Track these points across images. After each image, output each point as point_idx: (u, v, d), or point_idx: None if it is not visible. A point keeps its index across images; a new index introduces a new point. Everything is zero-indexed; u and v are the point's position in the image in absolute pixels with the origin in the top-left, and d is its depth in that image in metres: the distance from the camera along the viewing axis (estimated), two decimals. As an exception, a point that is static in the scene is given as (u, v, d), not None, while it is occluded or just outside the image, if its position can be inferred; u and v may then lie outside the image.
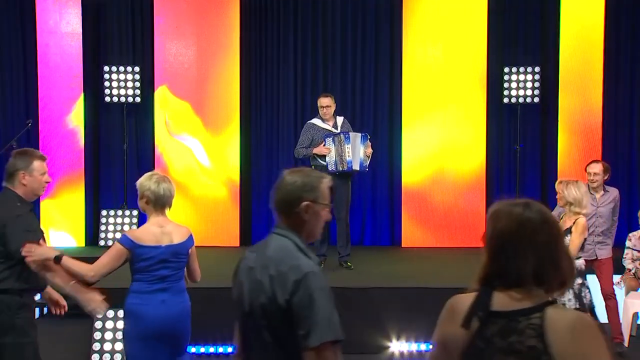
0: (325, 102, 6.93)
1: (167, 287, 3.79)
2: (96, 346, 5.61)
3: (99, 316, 5.55)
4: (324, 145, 6.81)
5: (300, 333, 2.28)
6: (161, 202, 3.82)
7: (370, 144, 6.92)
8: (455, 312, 1.96)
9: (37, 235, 3.84)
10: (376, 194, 8.97)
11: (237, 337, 2.56)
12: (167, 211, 3.89)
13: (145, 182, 3.83)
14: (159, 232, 3.79)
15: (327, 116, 6.96)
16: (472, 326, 1.90)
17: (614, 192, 6.23)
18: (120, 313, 5.63)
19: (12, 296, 3.75)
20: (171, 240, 3.81)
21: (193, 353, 5.67)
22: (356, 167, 6.76)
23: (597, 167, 6.14)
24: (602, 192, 6.19)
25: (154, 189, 3.80)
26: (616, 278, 6.33)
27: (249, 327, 2.45)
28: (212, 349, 5.74)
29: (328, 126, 6.96)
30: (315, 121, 7.02)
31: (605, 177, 6.19)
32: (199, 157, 8.63)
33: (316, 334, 2.25)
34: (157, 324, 3.71)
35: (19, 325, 3.74)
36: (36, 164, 3.87)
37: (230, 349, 5.84)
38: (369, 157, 6.90)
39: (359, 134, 6.85)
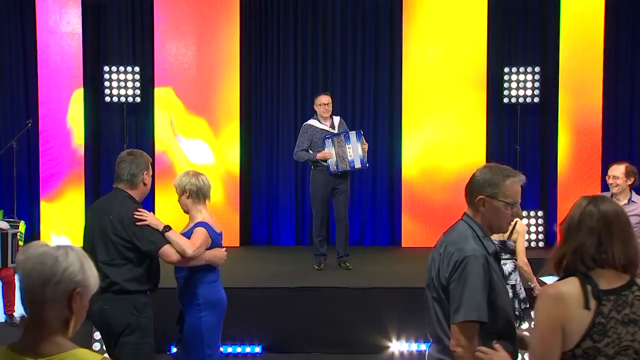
0: (326, 100, 6.94)
1: (219, 271, 4.14)
2: (96, 346, 5.60)
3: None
4: (324, 148, 6.83)
5: (450, 308, 2.62)
6: (203, 193, 4.05)
7: (364, 139, 6.93)
8: (565, 298, 2.17)
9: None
10: (376, 194, 8.97)
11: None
12: (207, 203, 4.11)
13: (183, 178, 4.07)
14: (214, 221, 4.08)
15: (327, 114, 6.95)
16: (590, 306, 2.15)
17: None
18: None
19: (137, 296, 3.78)
20: (219, 228, 4.12)
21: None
22: (357, 165, 6.79)
23: (617, 170, 5.30)
24: (626, 200, 5.26)
25: (194, 182, 4.02)
26: None
27: (425, 298, 2.81)
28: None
29: (325, 126, 6.96)
30: (312, 122, 7.02)
31: (630, 182, 5.31)
32: (199, 157, 8.61)
33: (462, 311, 2.58)
34: (224, 306, 4.10)
35: (144, 325, 3.78)
36: (149, 166, 3.98)
37: (230, 349, 5.83)
38: (365, 151, 6.92)
39: (354, 132, 6.88)
